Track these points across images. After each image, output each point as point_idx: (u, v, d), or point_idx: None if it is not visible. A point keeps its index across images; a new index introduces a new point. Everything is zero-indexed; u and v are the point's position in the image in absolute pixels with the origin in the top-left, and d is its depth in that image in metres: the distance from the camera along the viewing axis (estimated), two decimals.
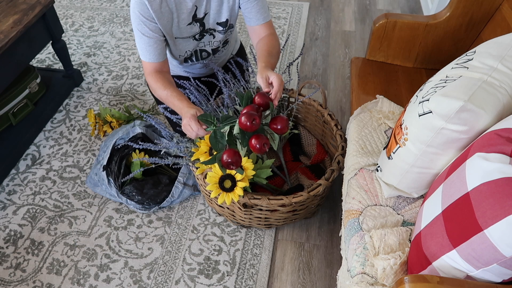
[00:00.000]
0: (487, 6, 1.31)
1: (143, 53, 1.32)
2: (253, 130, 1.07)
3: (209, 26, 1.37)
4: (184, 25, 1.33)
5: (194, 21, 1.33)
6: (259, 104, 1.13)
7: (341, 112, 1.93)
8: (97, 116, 1.79)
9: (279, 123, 1.14)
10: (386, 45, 1.48)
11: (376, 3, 2.68)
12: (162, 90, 1.29)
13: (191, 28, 1.35)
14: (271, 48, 1.34)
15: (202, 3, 1.30)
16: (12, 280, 1.35)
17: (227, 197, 1.20)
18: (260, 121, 1.07)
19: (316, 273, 1.37)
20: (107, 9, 2.67)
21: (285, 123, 1.14)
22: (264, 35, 1.38)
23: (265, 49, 1.33)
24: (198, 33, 1.38)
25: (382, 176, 1.06)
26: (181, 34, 1.35)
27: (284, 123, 1.14)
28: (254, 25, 1.37)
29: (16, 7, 1.71)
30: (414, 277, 0.71)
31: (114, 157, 1.56)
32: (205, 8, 1.32)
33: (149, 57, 1.31)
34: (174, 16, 1.29)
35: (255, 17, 1.36)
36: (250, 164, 1.22)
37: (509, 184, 0.66)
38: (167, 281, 1.34)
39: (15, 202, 1.58)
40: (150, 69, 1.33)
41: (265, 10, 1.37)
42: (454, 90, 0.83)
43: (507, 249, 0.66)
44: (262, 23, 1.37)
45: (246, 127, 1.06)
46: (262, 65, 1.24)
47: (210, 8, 1.33)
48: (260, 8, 1.35)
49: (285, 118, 1.15)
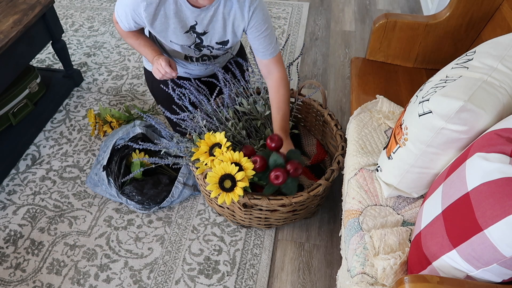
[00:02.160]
0: (487, 6, 1.31)
1: (120, 19, 1.29)
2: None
3: (207, 43, 1.33)
4: (180, 33, 1.28)
5: (191, 31, 1.28)
6: (289, 170, 1.22)
7: (341, 112, 1.93)
8: (97, 116, 1.79)
9: (291, 166, 1.21)
10: (386, 45, 1.48)
11: (376, 3, 2.68)
12: (134, 40, 1.36)
13: (188, 37, 1.30)
14: (281, 102, 1.37)
15: (203, 22, 1.25)
16: (12, 280, 1.35)
17: (227, 197, 1.20)
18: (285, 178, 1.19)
19: (316, 273, 1.37)
20: (107, 9, 2.67)
21: (295, 167, 1.22)
22: (271, 70, 1.35)
23: (275, 105, 1.38)
24: (194, 44, 1.33)
25: (382, 176, 1.06)
26: (177, 40, 1.30)
27: (295, 167, 1.22)
28: (261, 58, 1.33)
29: (16, 7, 1.71)
30: (414, 277, 0.71)
31: (114, 157, 1.56)
32: (205, 27, 1.27)
33: (123, 25, 1.31)
34: (171, 22, 1.24)
35: (261, 52, 1.31)
36: (250, 164, 1.22)
37: (509, 184, 0.66)
38: (167, 281, 1.34)
39: (15, 202, 1.58)
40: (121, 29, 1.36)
41: (273, 45, 1.31)
42: (454, 90, 0.83)
43: (507, 249, 0.66)
44: (269, 58, 1.32)
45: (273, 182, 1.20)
46: (276, 129, 1.39)
47: (211, 29, 1.28)
48: (268, 44, 1.29)
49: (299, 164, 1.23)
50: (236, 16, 1.24)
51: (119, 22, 1.32)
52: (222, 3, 1.21)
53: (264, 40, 1.28)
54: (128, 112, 1.84)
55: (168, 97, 1.45)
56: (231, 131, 1.39)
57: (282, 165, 1.21)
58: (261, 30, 1.26)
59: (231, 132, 1.39)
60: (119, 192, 1.49)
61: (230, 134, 1.39)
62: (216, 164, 1.20)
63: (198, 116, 1.34)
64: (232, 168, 1.18)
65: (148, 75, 1.54)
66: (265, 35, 1.27)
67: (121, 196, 1.48)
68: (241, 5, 1.22)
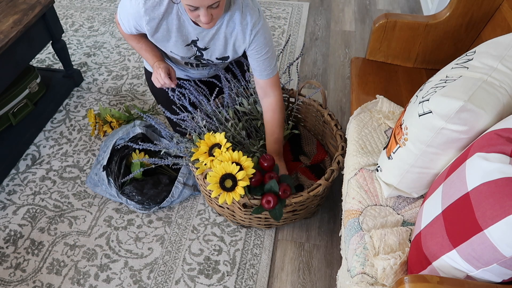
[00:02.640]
0: (487, 6, 1.31)
1: (122, 22, 1.28)
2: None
3: (207, 57, 1.33)
4: (181, 46, 1.27)
5: (192, 44, 1.27)
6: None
7: (341, 112, 1.93)
8: (97, 116, 1.79)
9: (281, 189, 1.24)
10: (386, 45, 1.48)
11: (376, 3, 2.68)
12: (136, 43, 1.35)
13: (189, 49, 1.29)
14: (274, 126, 1.38)
15: (205, 39, 1.24)
16: (12, 280, 1.35)
17: (228, 197, 1.20)
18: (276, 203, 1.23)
19: (316, 273, 1.37)
20: (107, 9, 2.67)
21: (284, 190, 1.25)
22: (266, 91, 1.34)
23: (268, 130, 1.39)
24: (194, 56, 1.33)
25: (382, 176, 1.06)
26: (178, 51, 1.30)
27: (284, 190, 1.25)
28: (258, 77, 1.32)
29: (16, 7, 1.71)
30: (414, 277, 0.71)
31: (114, 157, 1.56)
32: (207, 43, 1.27)
33: (125, 28, 1.30)
34: (172, 36, 1.24)
35: (258, 72, 1.30)
36: (250, 163, 1.22)
37: (509, 184, 0.66)
38: (167, 281, 1.34)
39: (15, 202, 1.58)
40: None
41: (271, 67, 1.30)
42: (454, 90, 0.83)
43: (507, 249, 0.66)
44: (266, 79, 1.32)
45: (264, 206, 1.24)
46: (269, 151, 1.41)
47: (212, 45, 1.28)
48: (267, 66, 1.29)
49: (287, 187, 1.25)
50: (237, 38, 1.23)
51: (121, 25, 1.31)
52: (224, 23, 1.21)
53: (263, 62, 1.28)
54: (128, 112, 1.84)
55: (168, 98, 1.45)
56: (231, 131, 1.39)
57: (276, 192, 1.23)
58: (261, 53, 1.26)
59: (231, 132, 1.39)
60: (119, 192, 1.49)
61: (230, 134, 1.39)
62: (216, 164, 1.20)
63: (198, 117, 1.34)
64: (233, 167, 1.19)
65: (149, 75, 1.54)
66: (265, 58, 1.27)
67: (121, 196, 1.48)
68: (244, 28, 1.21)
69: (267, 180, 1.25)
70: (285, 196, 1.23)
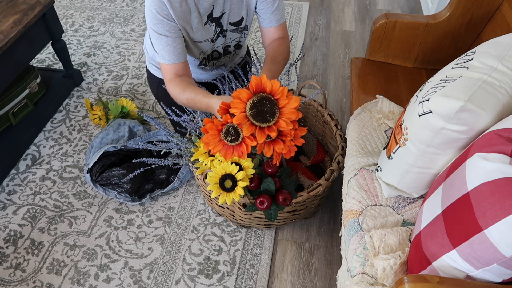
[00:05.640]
0: (487, 6, 1.31)
1: (161, 54, 1.20)
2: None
3: (225, 26, 1.33)
4: (200, 26, 1.27)
5: (209, 21, 1.28)
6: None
7: (341, 112, 1.93)
8: (97, 105, 1.83)
9: (281, 196, 1.23)
10: (386, 45, 1.48)
11: (376, 3, 2.68)
12: (182, 94, 1.19)
13: (208, 29, 1.29)
14: (277, 54, 1.32)
15: (219, 2, 1.25)
16: (12, 280, 1.35)
17: (228, 197, 1.20)
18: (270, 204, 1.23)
19: (316, 273, 1.37)
20: (107, 9, 2.67)
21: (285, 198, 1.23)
22: (275, 38, 1.36)
23: (270, 55, 1.32)
24: (216, 34, 1.32)
25: (382, 176, 1.06)
26: (202, 36, 1.29)
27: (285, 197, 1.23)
28: (267, 26, 1.34)
29: (16, 7, 1.71)
30: (414, 277, 0.71)
31: (101, 162, 1.58)
32: (222, 7, 1.27)
33: (168, 58, 1.20)
34: (193, 16, 1.23)
35: (268, 19, 1.32)
36: (250, 163, 1.22)
37: (509, 184, 0.66)
38: (167, 281, 1.34)
39: (15, 202, 1.58)
40: (170, 74, 1.23)
41: (280, 12, 1.33)
42: (454, 90, 0.83)
43: (507, 249, 0.66)
44: (275, 25, 1.34)
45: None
46: (263, 72, 1.25)
47: (227, 8, 1.28)
48: (275, 10, 1.31)
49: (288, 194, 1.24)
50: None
51: (163, 61, 1.22)
52: None
53: (272, 5, 1.30)
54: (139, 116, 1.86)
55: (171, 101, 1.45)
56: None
57: (272, 192, 1.24)
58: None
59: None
60: (98, 186, 1.52)
61: None
62: (216, 164, 1.20)
63: (198, 117, 1.34)
64: (232, 168, 1.18)
65: (151, 76, 1.54)
66: (277, 5, 1.30)
67: (110, 190, 1.53)
68: None
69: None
70: (285, 204, 1.23)
